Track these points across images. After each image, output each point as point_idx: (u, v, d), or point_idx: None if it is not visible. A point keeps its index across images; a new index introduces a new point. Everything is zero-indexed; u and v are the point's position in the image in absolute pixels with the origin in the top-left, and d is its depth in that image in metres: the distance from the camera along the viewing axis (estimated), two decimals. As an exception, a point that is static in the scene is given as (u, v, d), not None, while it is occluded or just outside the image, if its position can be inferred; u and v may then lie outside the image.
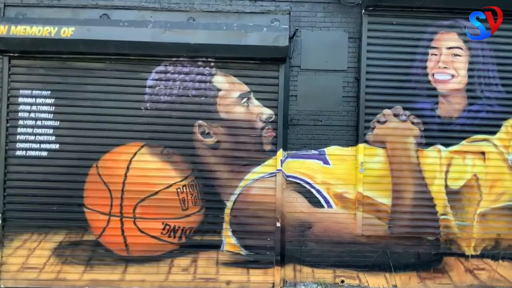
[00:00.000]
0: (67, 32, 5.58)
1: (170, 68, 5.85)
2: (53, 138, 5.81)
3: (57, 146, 5.81)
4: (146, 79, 5.84)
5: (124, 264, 5.78)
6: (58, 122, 5.83)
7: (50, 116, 5.83)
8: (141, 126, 5.82)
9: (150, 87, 5.84)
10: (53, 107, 5.84)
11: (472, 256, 5.90)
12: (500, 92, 5.92)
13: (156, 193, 5.77)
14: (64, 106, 5.83)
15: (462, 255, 5.90)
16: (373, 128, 5.90)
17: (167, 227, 5.79)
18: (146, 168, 5.78)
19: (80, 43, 5.61)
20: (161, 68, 5.85)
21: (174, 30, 5.67)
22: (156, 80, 5.85)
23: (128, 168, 5.76)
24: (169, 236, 5.80)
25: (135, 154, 5.78)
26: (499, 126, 5.92)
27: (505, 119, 5.93)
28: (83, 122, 5.81)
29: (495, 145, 5.91)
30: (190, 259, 5.81)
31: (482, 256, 5.91)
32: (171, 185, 5.78)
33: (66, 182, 5.77)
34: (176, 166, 5.81)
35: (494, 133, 5.91)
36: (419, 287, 5.86)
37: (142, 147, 5.80)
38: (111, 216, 5.77)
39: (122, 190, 5.77)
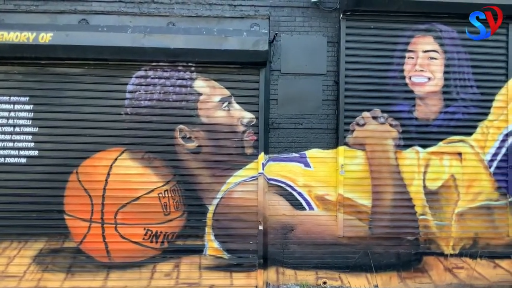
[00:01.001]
0: (46, 37, 5.60)
1: (150, 73, 5.90)
2: (32, 144, 5.81)
3: (36, 152, 5.81)
4: (126, 84, 5.88)
5: (106, 270, 5.79)
6: (37, 128, 5.83)
7: (29, 122, 5.83)
8: (121, 131, 5.85)
9: (130, 92, 5.88)
10: (32, 113, 5.84)
11: (451, 255, 6.07)
12: (475, 94, 6.12)
13: (138, 198, 5.81)
14: (43, 112, 5.83)
15: (441, 254, 6.06)
16: (353, 131, 6.04)
17: (149, 232, 5.82)
18: (127, 174, 5.80)
19: (59, 49, 5.63)
20: (141, 73, 5.90)
21: (154, 35, 5.73)
22: (136, 85, 5.89)
23: (108, 173, 5.79)
24: (151, 242, 5.83)
25: (115, 159, 5.81)
26: (475, 127, 6.12)
27: (480, 120, 6.12)
28: (63, 128, 5.82)
29: (471, 146, 6.10)
30: (173, 264, 5.85)
31: (460, 255, 6.09)
32: (152, 190, 5.82)
33: (45, 189, 5.77)
34: (157, 171, 5.86)
35: (470, 134, 6.11)
36: (400, 287, 6.00)
37: (122, 152, 5.83)
38: (92, 223, 5.78)
39: (103, 196, 5.78)
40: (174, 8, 6.00)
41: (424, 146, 6.06)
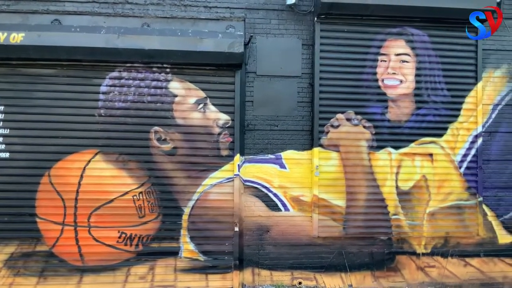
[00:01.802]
0: (17, 37, 5.55)
1: (124, 74, 5.92)
2: (3, 146, 5.75)
3: (7, 154, 5.75)
4: (100, 85, 5.88)
5: (79, 274, 5.76)
6: (8, 130, 5.78)
7: (0, 124, 5.76)
8: (95, 133, 5.84)
9: (104, 93, 5.88)
10: (3, 115, 5.78)
11: (423, 254, 6.25)
12: (446, 97, 6.33)
13: (112, 201, 5.80)
14: (14, 114, 5.78)
15: (414, 253, 6.24)
16: (327, 132, 6.17)
17: (123, 235, 5.82)
18: (100, 176, 5.80)
19: (31, 49, 5.59)
20: (115, 74, 5.90)
21: (128, 35, 5.74)
22: (110, 86, 5.90)
23: (81, 176, 5.77)
24: (126, 244, 5.83)
25: (89, 161, 5.79)
26: (446, 129, 6.32)
27: (451, 122, 6.33)
28: (34, 130, 5.78)
29: (442, 147, 6.30)
30: (148, 266, 5.86)
31: (432, 254, 6.27)
32: (127, 193, 5.83)
33: (17, 192, 5.72)
34: (132, 173, 5.86)
35: (441, 135, 6.31)
36: (374, 286, 6.14)
37: (96, 154, 5.82)
38: (64, 226, 5.74)
39: (76, 199, 5.76)
40: (149, 9, 6.03)
41: (396, 147, 6.24)
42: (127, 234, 5.82)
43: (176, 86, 6.00)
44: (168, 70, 5.97)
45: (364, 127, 6.20)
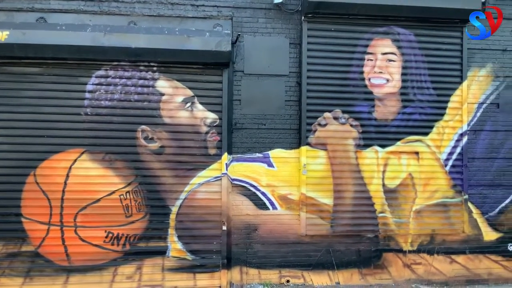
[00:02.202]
0: (1, 36, 5.52)
1: (111, 73, 5.91)
2: (-13, 146, 5.72)
3: (-9, 154, 5.72)
4: (86, 83, 5.87)
5: (66, 274, 5.75)
6: (-7, 129, 5.75)
7: (-16, 123, 5.73)
8: (81, 132, 5.83)
9: (90, 92, 5.87)
10: (-13, 114, 5.75)
11: (409, 252, 6.35)
12: (432, 95, 6.43)
13: (98, 200, 5.80)
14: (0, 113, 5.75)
15: (400, 250, 6.33)
16: (315, 131, 6.23)
17: (110, 234, 5.82)
18: (87, 175, 5.79)
19: (15, 47, 5.56)
20: (101, 72, 5.90)
21: (114, 34, 5.74)
22: (96, 84, 5.89)
23: (67, 175, 5.75)
24: (112, 244, 5.83)
25: (75, 161, 5.78)
26: (431, 127, 6.43)
27: (436, 120, 6.44)
28: (20, 129, 5.75)
29: (428, 145, 6.40)
30: (135, 266, 5.87)
31: (418, 251, 6.37)
32: (113, 192, 5.83)
33: (2, 192, 5.69)
34: (118, 173, 5.86)
35: (426, 134, 6.41)
36: (361, 284, 6.22)
37: (82, 153, 5.81)
38: (50, 226, 5.73)
39: (62, 199, 5.74)
40: (135, 7, 6.03)
41: (383, 146, 6.32)
42: (114, 234, 5.83)
43: (163, 84, 6.01)
44: (155, 68, 5.98)
45: (351, 125, 6.27)
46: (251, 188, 6.15)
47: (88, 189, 5.77)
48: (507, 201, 6.59)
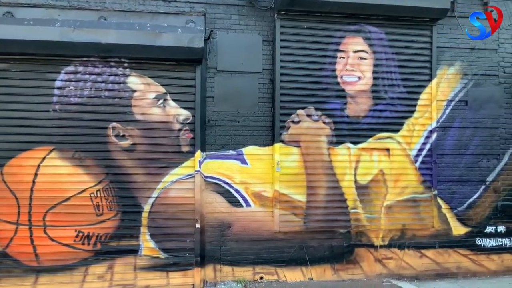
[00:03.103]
0: (-34, 30, 5.46)
1: (80, 69, 5.90)
2: (-48, 143, 5.64)
3: (-44, 152, 5.64)
4: (55, 80, 5.84)
5: (35, 274, 5.72)
6: (-43, 126, 5.67)
7: (-51, 120, 5.65)
8: (49, 129, 5.80)
9: (59, 88, 5.85)
10: (-49, 110, 5.67)
11: (381, 247, 6.58)
12: (402, 93, 6.66)
13: (68, 199, 5.79)
14: (-36, 109, 5.68)
15: (372, 246, 6.55)
16: (288, 128, 6.37)
17: (81, 234, 5.82)
18: (56, 174, 5.77)
19: (-19, 43, 5.50)
20: (70, 68, 5.88)
21: (84, 29, 5.72)
22: (66, 81, 5.87)
23: (36, 174, 5.72)
24: (83, 244, 5.83)
25: (43, 159, 5.75)
26: (402, 124, 6.67)
27: (406, 117, 6.68)
28: (-15, 126, 5.69)
29: (399, 142, 6.64)
30: (106, 265, 5.89)
31: (389, 246, 6.61)
32: (83, 190, 5.83)
33: (-33, 191, 5.62)
34: (89, 171, 5.87)
35: (397, 131, 6.65)
36: (333, 279, 6.41)
37: (51, 151, 5.79)
38: (18, 225, 5.69)
39: (30, 198, 5.71)
40: (106, 2, 6.02)
41: (355, 143, 6.52)
42: (84, 233, 5.83)
43: (134, 81, 6.03)
44: (126, 64, 6.00)
45: (324, 122, 6.44)
46: (225, 186, 6.24)
47: (58, 187, 5.76)
48: (475, 196, 6.89)
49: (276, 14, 6.33)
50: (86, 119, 5.90)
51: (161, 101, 6.09)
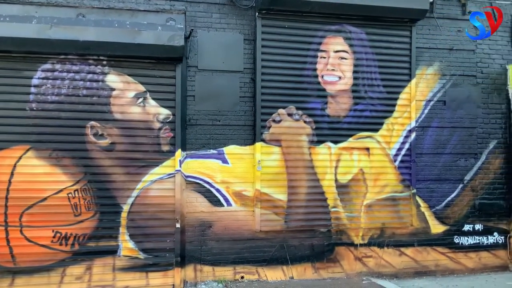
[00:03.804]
0: None
1: (58, 66, 5.88)
2: None
3: None
4: (31, 77, 5.81)
5: (11, 276, 5.69)
6: None
7: None
8: (26, 128, 5.78)
9: (36, 86, 5.83)
10: None
11: (361, 245, 6.73)
12: (382, 93, 6.83)
13: (45, 199, 5.78)
14: None
15: (352, 244, 6.70)
16: (269, 127, 6.47)
17: (58, 234, 5.82)
18: (33, 173, 5.75)
19: (-45, 39, 5.45)
20: (48, 66, 5.86)
21: (61, 26, 5.71)
22: (43, 79, 5.85)
23: (12, 173, 5.69)
24: (61, 244, 5.82)
25: (20, 158, 5.73)
26: (381, 124, 6.83)
27: (386, 117, 6.85)
28: (-40, 125, 5.64)
29: (378, 141, 6.81)
30: (84, 266, 5.89)
31: (369, 244, 6.77)
32: (61, 190, 5.82)
33: None
34: (66, 170, 5.86)
35: (377, 130, 6.81)
36: (314, 278, 6.53)
37: (27, 150, 5.76)
38: (-6, 226, 5.67)
39: (6, 198, 5.68)
40: (84, -1, 6.03)
41: (335, 142, 6.66)
42: (62, 234, 5.83)
43: (113, 79, 6.05)
44: (104, 62, 6.00)
45: (305, 122, 6.56)
46: (206, 185, 6.31)
47: (34, 187, 5.74)
48: (453, 195, 7.10)
49: (257, 13, 6.42)
50: (64, 117, 5.89)
51: (140, 99, 6.12)
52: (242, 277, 6.33)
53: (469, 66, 7.22)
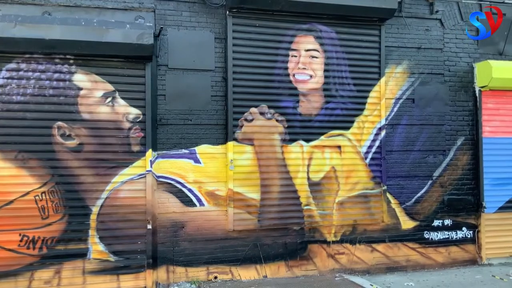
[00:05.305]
0: None
1: (23, 66, 5.89)
2: None
3: None
4: (-5, 77, 5.82)
5: (-25, 283, 5.69)
6: None
7: None
8: (-10, 130, 5.77)
9: (0, 86, 5.82)
10: None
11: (333, 242, 7.00)
12: (352, 91, 7.11)
13: (11, 202, 5.78)
14: None
15: (324, 241, 6.97)
16: (241, 126, 6.65)
17: (25, 238, 5.83)
18: (-3, 176, 5.76)
19: None
20: (12, 65, 5.86)
21: (26, 24, 5.72)
22: (7, 78, 5.85)
23: (-24, 176, 5.69)
24: (28, 248, 5.84)
25: (-17, 160, 5.72)
26: (352, 122, 7.12)
27: (357, 115, 7.14)
28: None
29: (349, 139, 7.09)
30: (53, 270, 5.92)
31: (341, 241, 7.05)
32: (28, 193, 5.84)
33: None
34: (33, 172, 5.88)
35: (348, 128, 7.09)
36: (287, 276, 6.76)
37: (-8, 152, 5.76)
38: (-44, 231, 5.64)
39: (-31, 201, 5.67)
40: (50, -3, 6.05)
41: (307, 140, 6.91)
42: (29, 237, 5.84)
43: (81, 78, 6.09)
44: (71, 61, 6.04)
45: (277, 120, 6.77)
46: (178, 185, 6.43)
47: (0, 190, 5.73)
48: (423, 191, 7.46)
49: (228, 12, 6.58)
50: (30, 118, 5.90)
51: (109, 99, 6.18)
52: (216, 277, 6.48)
53: (437, 64, 7.59)
